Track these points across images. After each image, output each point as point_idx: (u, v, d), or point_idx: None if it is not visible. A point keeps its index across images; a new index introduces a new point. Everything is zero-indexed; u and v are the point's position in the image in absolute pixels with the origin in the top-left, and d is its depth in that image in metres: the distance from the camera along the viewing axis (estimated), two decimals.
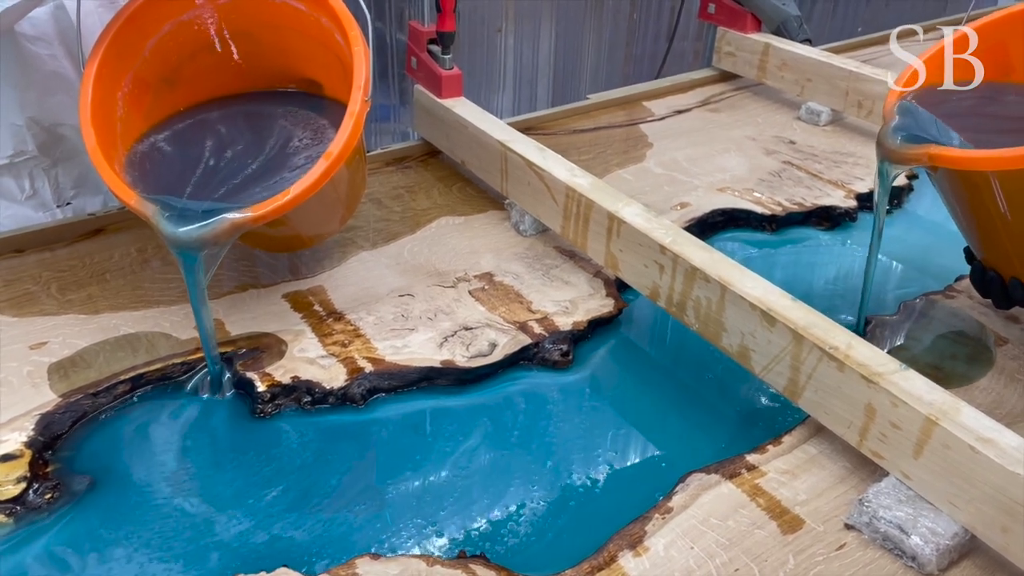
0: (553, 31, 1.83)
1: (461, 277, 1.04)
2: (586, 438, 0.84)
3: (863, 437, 0.76)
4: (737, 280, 0.86)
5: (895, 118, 0.87)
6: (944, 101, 0.91)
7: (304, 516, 0.74)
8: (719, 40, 1.63)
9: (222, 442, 0.82)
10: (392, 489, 0.77)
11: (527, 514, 0.75)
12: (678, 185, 1.28)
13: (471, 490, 0.77)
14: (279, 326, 0.94)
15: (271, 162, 0.88)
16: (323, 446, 0.81)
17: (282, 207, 0.77)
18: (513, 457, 0.81)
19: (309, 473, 0.78)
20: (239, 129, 0.93)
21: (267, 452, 0.80)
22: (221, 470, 0.79)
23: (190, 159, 0.88)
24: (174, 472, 0.77)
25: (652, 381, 0.93)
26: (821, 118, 1.49)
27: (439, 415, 0.86)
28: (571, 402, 0.89)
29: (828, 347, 0.77)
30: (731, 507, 0.74)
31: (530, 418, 0.86)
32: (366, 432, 0.83)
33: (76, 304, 0.96)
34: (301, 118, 0.93)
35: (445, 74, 1.23)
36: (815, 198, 1.25)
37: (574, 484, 0.79)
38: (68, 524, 0.72)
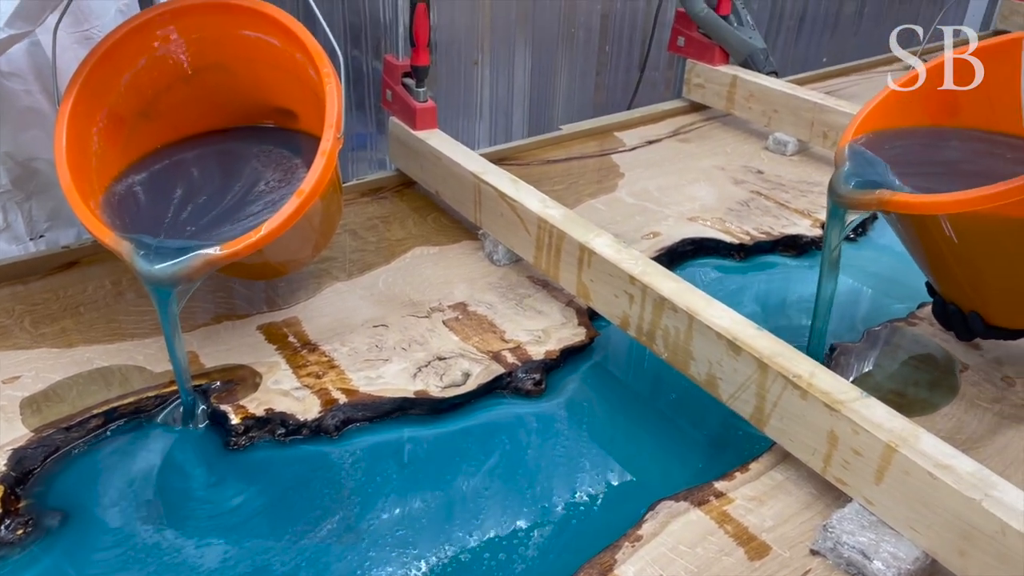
0: (528, 63, 1.87)
1: (435, 307, 1.06)
2: (559, 466, 0.85)
3: (827, 464, 0.78)
4: (703, 310, 0.88)
5: (846, 163, 0.90)
6: (891, 147, 0.94)
7: (279, 549, 0.74)
8: (688, 72, 1.67)
9: (195, 476, 0.82)
10: (366, 520, 0.78)
11: (499, 543, 0.76)
12: (649, 215, 1.30)
13: (444, 520, 0.78)
14: (253, 358, 0.95)
15: (244, 200, 0.90)
16: (297, 478, 0.82)
17: (254, 245, 0.78)
18: (486, 486, 0.82)
19: (283, 505, 0.79)
20: (213, 168, 0.95)
21: (241, 485, 0.81)
22: (195, 504, 0.79)
23: (165, 198, 0.90)
24: (147, 506, 0.78)
25: (624, 409, 0.94)
26: (788, 148, 1.53)
27: (413, 445, 0.87)
28: (544, 431, 0.90)
29: (792, 375, 0.79)
30: (700, 534, 0.76)
31: (503, 447, 0.87)
32: (340, 463, 0.84)
33: (49, 338, 0.96)
34: (275, 157, 0.95)
35: (419, 107, 1.25)
36: (782, 227, 1.28)
37: (546, 512, 0.80)
38: (40, 560, 0.72)
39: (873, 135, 0.95)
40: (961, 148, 0.96)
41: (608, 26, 1.93)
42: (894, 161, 0.90)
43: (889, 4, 2.55)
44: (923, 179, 0.87)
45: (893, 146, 0.94)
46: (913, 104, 0.98)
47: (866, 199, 0.85)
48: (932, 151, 0.95)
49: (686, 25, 1.64)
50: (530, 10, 1.82)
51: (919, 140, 0.96)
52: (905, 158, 0.92)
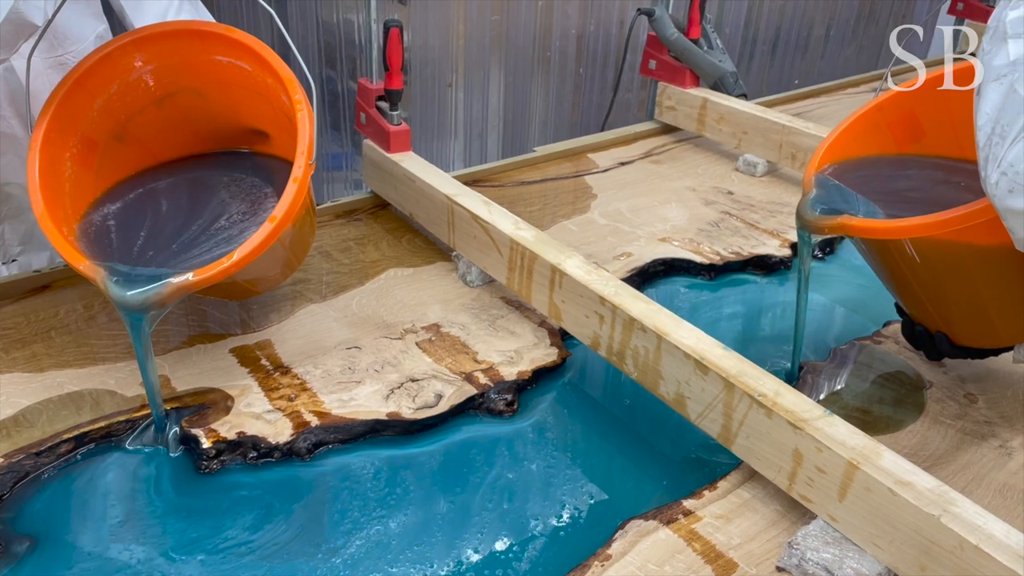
0: (502, 85, 1.89)
1: (409, 328, 1.06)
2: (530, 486, 0.86)
3: (792, 481, 0.80)
4: (672, 330, 0.89)
5: (813, 190, 0.94)
6: (856, 175, 0.97)
7: (250, 573, 0.74)
8: (660, 95, 1.70)
9: (166, 500, 0.82)
10: (338, 541, 0.78)
11: (471, 564, 0.77)
12: (621, 235, 1.32)
13: (414, 541, 0.79)
14: (225, 381, 0.95)
15: (216, 228, 0.91)
16: (269, 501, 0.82)
17: (225, 271, 0.80)
18: (457, 507, 0.83)
19: (255, 529, 0.79)
20: (186, 197, 0.96)
21: (212, 509, 0.81)
22: (165, 528, 0.79)
23: (138, 226, 0.91)
24: (117, 531, 0.77)
25: (595, 428, 0.95)
26: (758, 169, 1.56)
27: (385, 467, 0.87)
28: (516, 451, 0.91)
29: (757, 394, 0.81)
30: (668, 553, 0.77)
31: (475, 468, 0.88)
32: (312, 486, 0.84)
33: (20, 362, 0.95)
34: (247, 185, 0.96)
35: (393, 129, 1.27)
36: (752, 247, 1.30)
37: (518, 532, 0.80)
38: None
39: (840, 164, 0.98)
40: (920, 176, 0.99)
41: (582, 48, 1.95)
42: (859, 189, 0.94)
43: (855, 27, 2.60)
44: (885, 206, 0.90)
45: (858, 174, 0.97)
46: (879, 131, 1.01)
47: (829, 224, 0.89)
48: (893, 180, 0.98)
49: (657, 48, 1.66)
50: (504, 32, 1.85)
51: (882, 169, 1.00)
52: (869, 186, 0.95)
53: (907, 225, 0.82)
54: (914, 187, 0.98)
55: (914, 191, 0.97)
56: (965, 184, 0.94)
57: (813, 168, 0.98)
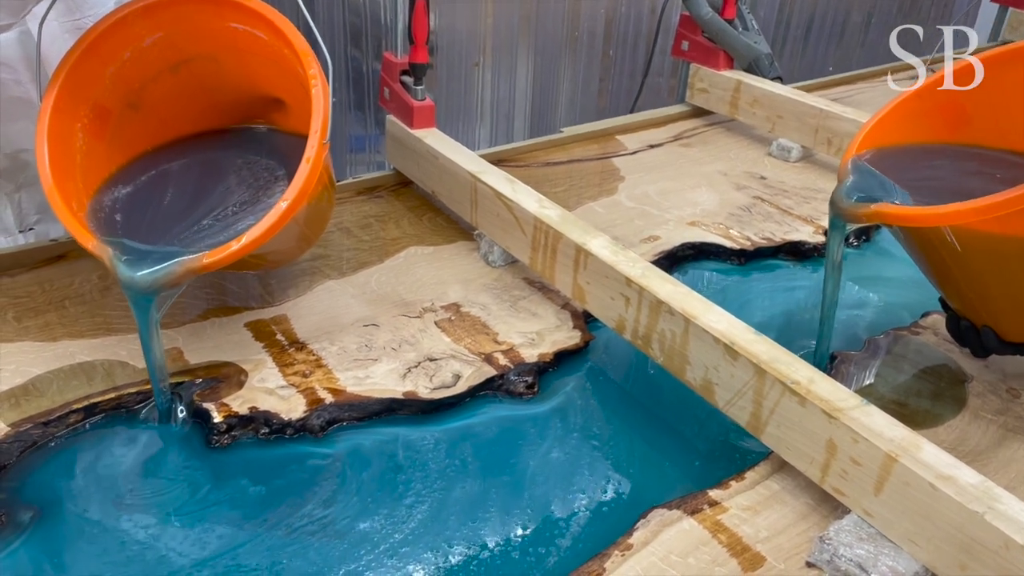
0: (530, 66, 1.85)
1: (428, 307, 1.04)
2: (549, 471, 0.83)
3: (825, 473, 0.76)
4: (701, 313, 0.86)
5: (849, 177, 0.90)
6: (895, 163, 0.93)
7: (256, 552, 0.72)
8: (692, 76, 1.65)
9: (175, 474, 0.80)
10: (348, 522, 0.75)
11: (485, 549, 0.74)
12: (649, 218, 1.28)
13: (428, 524, 0.76)
14: (239, 355, 0.93)
15: (229, 209, 0.89)
16: (279, 478, 0.80)
17: (235, 254, 0.77)
18: (474, 490, 0.80)
19: (264, 506, 0.77)
20: (200, 177, 0.93)
21: (221, 484, 0.79)
22: (173, 502, 0.77)
23: (150, 205, 0.89)
24: (123, 504, 0.75)
25: (618, 414, 0.92)
26: (792, 154, 1.51)
27: (398, 447, 0.84)
28: (535, 434, 0.88)
29: (790, 382, 0.77)
30: (692, 544, 0.73)
31: (492, 451, 0.85)
32: (324, 464, 0.82)
33: (33, 331, 0.94)
34: (261, 168, 0.94)
35: (417, 105, 1.24)
36: (784, 233, 1.26)
37: (535, 518, 0.77)
38: (10, 556, 0.69)
39: (878, 151, 0.95)
40: (951, 167, 0.94)
41: (612, 30, 1.91)
42: (897, 178, 0.90)
43: (896, 14, 2.53)
44: (915, 195, 0.86)
45: (895, 162, 0.93)
46: (921, 117, 0.96)
47: (865, 212, 0.86)
48: (925, 169, 0.94)
49: (690, 29, 1.62)
50: (533, 13, 1.81)
51: (918, 158, 0.96)
52: (902, 175, 0.91)
53: (945, 212, 0.78)
54: (942, 176, 0.94)
55: (941, 180, 0.93)
56: (1001, 175, 0.89)
57: (850, 154, 0.94)
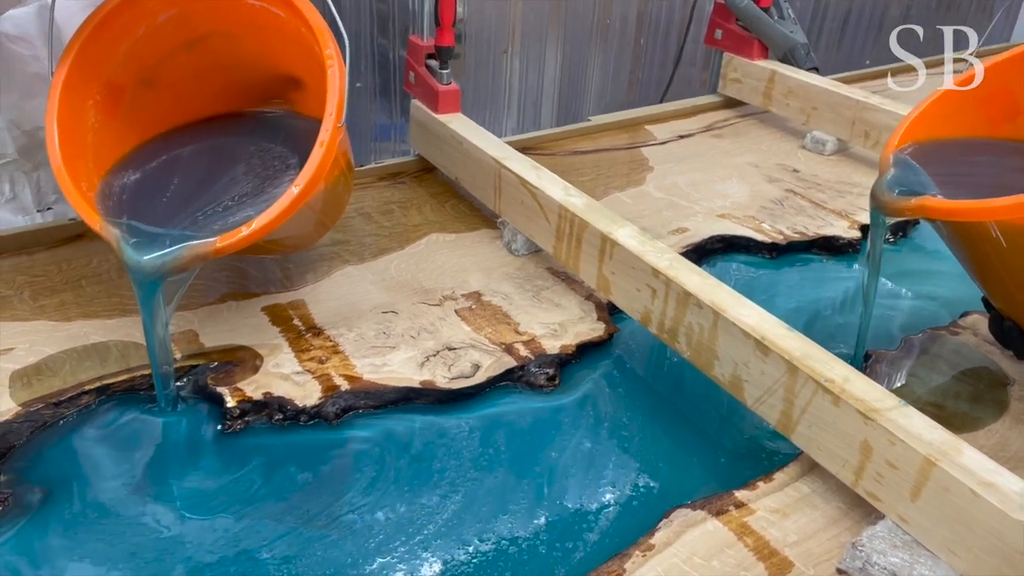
0: (559, 54, 1.81)
1: (448, 295, 1.01)
2: (569, 466, 0.80)
3: (858, 476, 0.72)
4: (731, 307, 0.82)
5: (890, 171, 0.88)
6: (938, 157, 0.90)
7: (264, 539, 0.70)
8: (725, 66, 1.61)
9: (185, 458, 0.78)
10: (358, 513, 0.73)
11: (498, 545, 0.71)
12: (677, 210, 1.24)
13: (441, 517, 0.73)
14: (255, 340, 0.91)
15: (240, 195, 0.86)
16: (290, 465, 0.78)
17: (245, 239, 0.75)
18: (489, 484, 0.77)
19: (274, 493, 0.75)
20: (213, 162, 0.91)
21: (231, 469, 0.77)
22: (181, 486, 0.75)
23: (161, 189, 0.87)
24: (131, 487, 0.74)
25: (641, 409, 0.89)
26: (826, 147, 1.46)
27: (415, 437, 0.82)
28: (555, 428, 0.85)
29: (824, 380, 0.73)
30: (717, 546, 0.70)
31: (510, 443, 0.82)
32: (338, 452, 0.80)
33: (48, 310, 0.93)
34: (274, 156, 0.91)
35: (442, 89, 1.21)
36: (818, 227, 1.22)
37: (553, 514, 0.75)
38: (15, 536, 0.68)
39: (919, 144, 0.91)
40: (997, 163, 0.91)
41: (644, 18, 1.87)
42: (937, 172, 0.86)
43: (935, 8, 2.46)
44: (955, 191, 0.83)
45: (937, 156, 0.90)
46: (969, 109, 0.93)
47: (907, 206, 0.83)
48: (967, 164, 0.91)
49: (724, 17, 1.58)
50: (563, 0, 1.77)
51: (964, 152, 0.92)
52: (949, 169, 0.88)
53: (992, 206, 0.74)
54: (984, 172, 0.90)
55: (983, 176, 0.89)
56: None
57: (892, 146, 0.91)
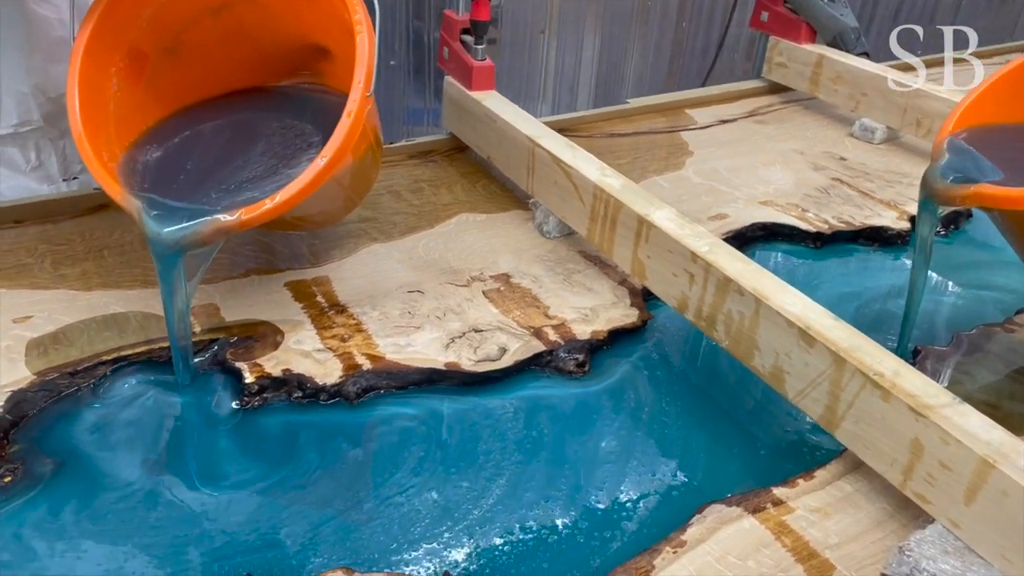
0: (598, 36, 1.77)
1: (476, 276, 0.98)
2: (597, 455, 0.76)
3: (907, 477, 0.68)
4: (774, 294, 0.78)
5: (944, 156, 0.84)
6: (996, 142, 0.85)
7: (276, 519, 0.67)
8: (770, 50, 1.55)
9: (200, 433, 0.76)
10: (375, 496, 0.70)
11: (522, 535, 0.68)
12: (717, 195, 1.20)
13: (462, 504, 0.70)
14: (277, 315, 0.88)
15: (266, 168, 0.83)
16: (307, 444, 0.75)
17: (268, 213, 0.73)
18: (513, 471, 0.74)
19: (287, 472, 0.72)
20: (237, 137, 0.89)
21: (246, 446, 0.74)
22: (196, 462, 0.73)
23: (184, 162, 0.84)
24: (145, 460, 0.72)
25: (674, 400, 0.85)
26: (875, 135, 1.40)
27: (438, 420, 0.79)
28: (584, 416, 0.81)
29: (873, 373, 0.69)
30: (753, 545, 0.66)
31: (537, 430, 0.79)
32: (356, 433, 0.77)
33: (69, 279, 0.91)
34: (295, 133, 0.88)
35: (476, 65, 1.17)
36: (865, 217, 1.17)
37: (578, 505, 0.71)
38: (25, 508, 0.66)
39: (972, 130, 0.86)
40: None
41: (686, 1, 1.81)
42: (997, 158, 0.81)
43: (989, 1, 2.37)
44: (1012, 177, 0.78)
45: (992, 142, 0.85)
46: (1019, 96, 0.87)
47: (962, 194, 0.79)
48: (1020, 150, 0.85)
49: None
50: None
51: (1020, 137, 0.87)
52: (1004, 155, 0.83)
53: None
54: None
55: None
56: None
57: (946, 131, 0.86)
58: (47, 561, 0.62)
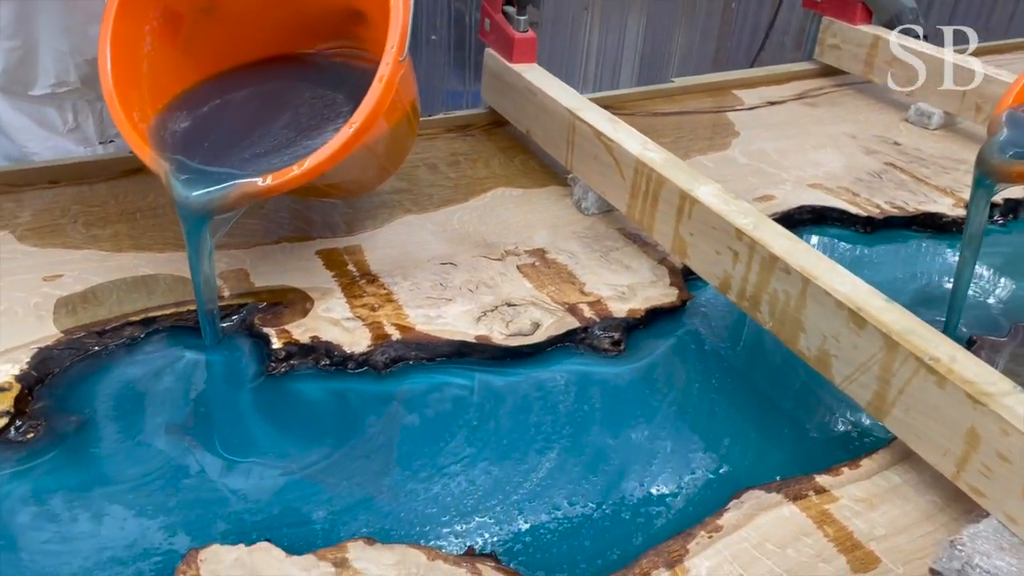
0: (643, 14, 1.72)
1: (511, 250, 0.95)
2: (629, 435, 0.74)
3: (961, 468, 0.64)
4: (823, 273, 0.74)
5: (1003, 131, 0.79)
6: None
7: (298, 486, 0.65)
8: (823, 31, 1.50)
9: (225, 397, 0.75)
10: (400, 468, 0.68)
11: (551, 514, 0.65)
12: (763, 177, 1.15)
13: (489, 480, 0.68)
14: (307, 282, 0.87)
15: (300, 134, 0.82)
16: (332, 412, 0.73)
17: (297, 178, 0.71)
18: (541, 448, 0.71)
19: (312, 439, 0.70)
20: (263, 106, 0.87)
21: (270, 412, 0.73)
22: (217, 427, 0.71)
23: (215, 127, 0.83)
24: (166, 422, 0.70)
25: (713, 382, 0.81)
26: (932, 120, 1.35)
27: (464, 394, 0.77)
28: (617, 395, 0.78)
29: (928, 358, 0.65)
30: (793, 533, 0.63)
31: (568, 407, 0.76)
32: (383, 403, 0.75)
33: (100, 240, 0.90)
34: (328, 102, 0.86)
35: (518, 36, 1.15)
36: (919, 203, 1.12)
37: (609, 486, 0.68)
38: (46, 464, 0.65)
39: None
40: None
41: None
42: None
43: None
44: None
45: None
46: None
47: (1019, 170, 0.76)
48: None
49: None
50: None
51: None
52: None
53: None
54: None
55: None
56: None
57: (1005, 104, 0.82)
58: (67, 520, 0.61)
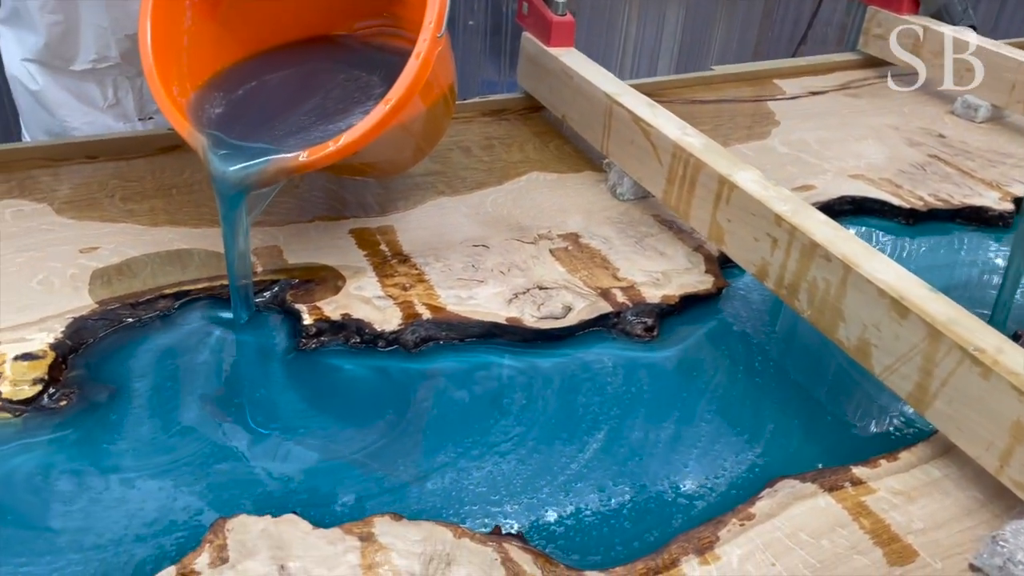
0: (683, 6, 1.70)
1: (544, 234, 0.94)
2: (661, 421, 0.72)
3: (1004, 463, 0.62)
4: (865, 261, 0.72)
5: None
6: None
7: (325, 460, 0.65)
8: (868, 21, 1.46)
9: (255, 370, 0.75)
10: (428, 446, 0.68)
11: (580, 498, 0.64)
12: (804, 166, 1.13)
13: (518, 462, 0.67)
14: (340, 261, 0.86)
15: (333, 112, 0.82)
16: (360, 389, 0.73)
17: (332, 155, 0.71)
18: (572, 431, 0.70)
19: (341, 415, 0.70)
20: (306, 81, 0.87)
21: (300, 387, 0.73)
22: (247, 399, 0.71)
23: (251, 104, 0.84)
24: (197, 393, 0.71)
25: (748, 370, 0.80)
26: (979, 113, 1.31)
27: (495, 375, 0.76)
28: (649, 381, 0.77)
29: (973, 348, 0.63)
30: (827, 524, 0.61)
31: (599, 392, 0.75)
32: (412, 382, 0.75)
33: (136, 214, 0.91)
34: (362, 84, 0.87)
35: (556, 20, 1.13)
36: (964, 196, 1.09)
37: (639, 471, 0.67)
38: (77, 432, 0.66)
39: None
40: None
41: None
42: None
43: None
44: None
45: None
46: None
47: None
48: None
49: None
50: None
51: None
52: None
53: None
54: None
55: None
56: None
57: None
58: (97, 488, 0.62)
